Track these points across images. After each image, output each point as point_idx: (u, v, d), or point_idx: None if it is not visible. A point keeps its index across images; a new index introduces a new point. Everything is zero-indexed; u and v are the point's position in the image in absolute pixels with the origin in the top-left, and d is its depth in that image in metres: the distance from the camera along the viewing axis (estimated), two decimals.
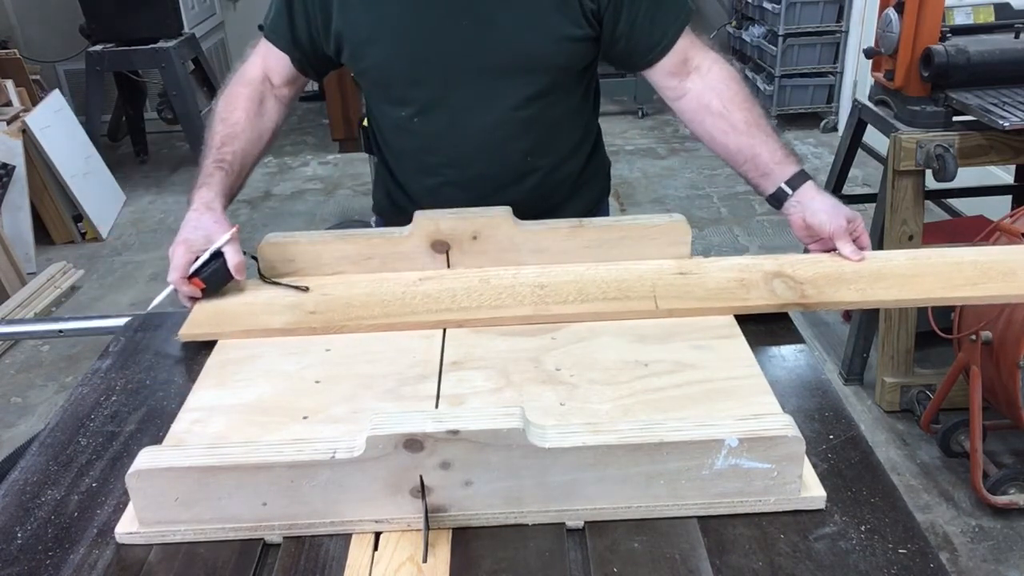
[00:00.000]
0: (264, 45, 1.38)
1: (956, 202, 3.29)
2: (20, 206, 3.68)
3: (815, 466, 0.90)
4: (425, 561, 0.81)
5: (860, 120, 2.56)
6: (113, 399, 1.08)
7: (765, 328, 1.15)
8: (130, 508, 0.86)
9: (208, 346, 1.15)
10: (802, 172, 1.29)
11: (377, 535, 0.85)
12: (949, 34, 2.25)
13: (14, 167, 3.62)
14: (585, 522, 0.85)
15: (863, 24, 4.37)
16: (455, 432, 0.80)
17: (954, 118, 2.25)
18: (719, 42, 4.93)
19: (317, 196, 4.39)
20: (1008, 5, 2.36)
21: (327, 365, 1.09)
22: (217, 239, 1.20)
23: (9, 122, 3.71)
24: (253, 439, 0.93)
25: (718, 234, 3.73)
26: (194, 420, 0.99)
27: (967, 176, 2.56)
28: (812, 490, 0.86)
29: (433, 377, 1.05)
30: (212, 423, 0.98)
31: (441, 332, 1.15)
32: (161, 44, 4.21)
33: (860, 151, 2.78)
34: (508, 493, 0.84)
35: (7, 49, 4.41)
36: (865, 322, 2.54)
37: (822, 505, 0.86)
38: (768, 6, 4.63)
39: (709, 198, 4.09)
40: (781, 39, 4.55)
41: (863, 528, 0.83)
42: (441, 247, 1.26)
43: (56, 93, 4.16)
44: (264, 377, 1.07)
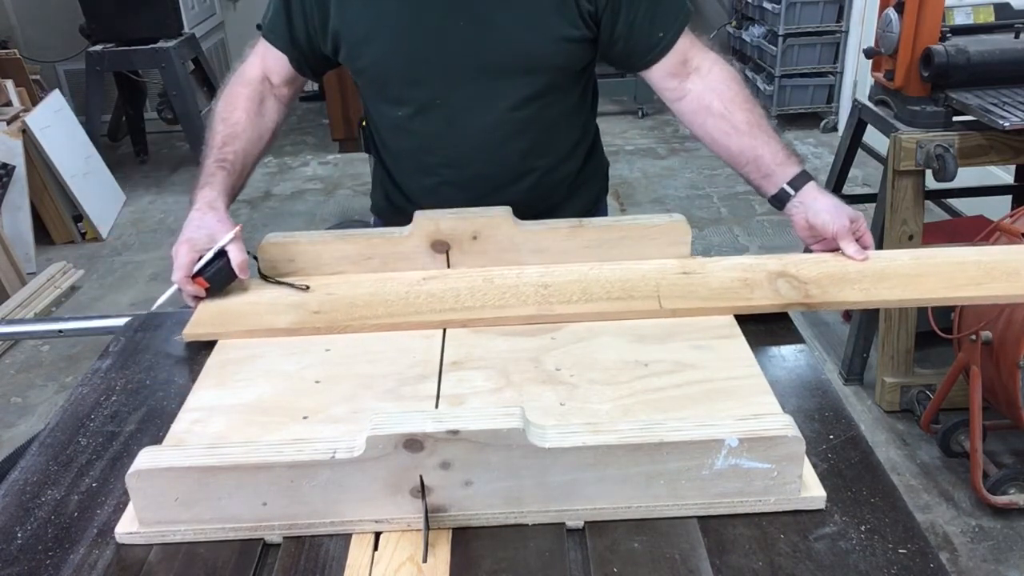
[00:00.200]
0: (262, 45, 1.38)
1: (956, 202, 3.29)
2: (20, 206, 3.68)
3: (815, 466, 0.90)
4: (425, 561, 0.81)
5: (860, 120, 2.56)
6: (113, 399, 1.08)
7: (765, 328, 1.15)
8: (130, 508, 0.86)
9: (208, 346, 1.15)
10: (804, 172, 1.29)
11: (377, 535, 0.85)
12: (949, 34, 2.25)
13: (14, 167, 3.62)
14: (585, 522, 0.85)
15: (863, 24, 4.36)
16: (455, 432, 0.80)
17: (954, 118, 2.25)
18: (719, 42, 4.94)
19: (317, 196, 4.39)
20: (1008, 5, 2.36)
21: (327, 365, 1.09)
22: (221, 238, 1.20)
23: (9, 122, 3.71)
24: (253, 439, 0.93)
25: (718, 234, 3.72)
26: (194, 420, 0.99)
27: (967, 176, 2.56)
28: (812, 490, 0.86)
29: (433, 377, 1.05)
30: (212, 423, 0.98)
31: (441, 332, 1.15)
32: (161, 44, 4.21)
33: (860, 151, 2.78)
34: (508, 493, 0.84)
35: (7, 49, 4.41)
36: (865, 322, 2.54)
37: (822, 505, 0.86)
38: (768, 6, 4.63)
39: (709, 198, 4.09)
40: (781, 39, 4.55)
41: (863, 528, 0.83)
42: (441, 247, 1.26)
43: (56, 93, 4.16)
44: (264, 377, 1.07)
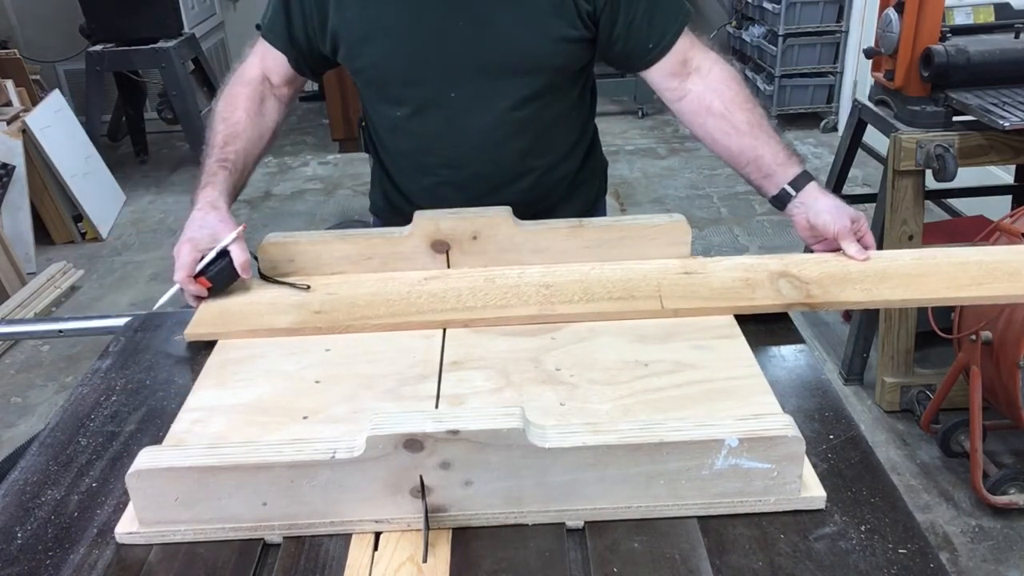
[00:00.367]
0: (262, 45, 1.38)
1: (956, 202, 3.29)
2: (20, 206, 3.68)
3: (815, 466, 0.90)
4: (425, 561, 0.81)
5: (860, 120, 2.56)
6: (113, 399, 1.08)
7: (765, 328, 1.15)
8: (130, 508, 0.86)
9: (208, 346, 1.15)
10: (805, 173, 1.29)
11: (377, 535, 0.85)
12: (949, 34, 2.25)
13: (14, 167, 3.62)
14: (585, 522, 0.85)
15: (863, 24, 4.36)
16: (455, 432, 0.80)
17: (954, 118, 2.25)
18: (719, 42, 4.94)
19: (317, 196, 4.39)
20: (1008, 5, 2.36)
21: (327, 365, 1.09)
22: (223, 238, 1.20)
23: (9, 122, 3.71)
24: (253, 439, 0.93)
25: (718, 234, 3.72)
26: (194, 420, 0.99)
27: (967, 176, 2.56)
28: (812, 490, 0.86)
29: (433, 377, 1.05)
30: (212, 423, 0.98)
31: (441, 332, 1.15)
32: (161, 44, 4.21)
33: (860, 151, 2.78)
34: (508, 493, 0.84)
35: (7, 49, 4.41)
36: (865, 322, 2.54)
37: (822, 505, 0.86)
38: (768, 6, 4.63)
39: (709, 198, 4.09)
40: (781, 39, 4.55)
41: (863, 528, 0.83)
42: (441, 247, 1.26)
43: (56, 93, 4.16)
44: (264, 377, 1.07)
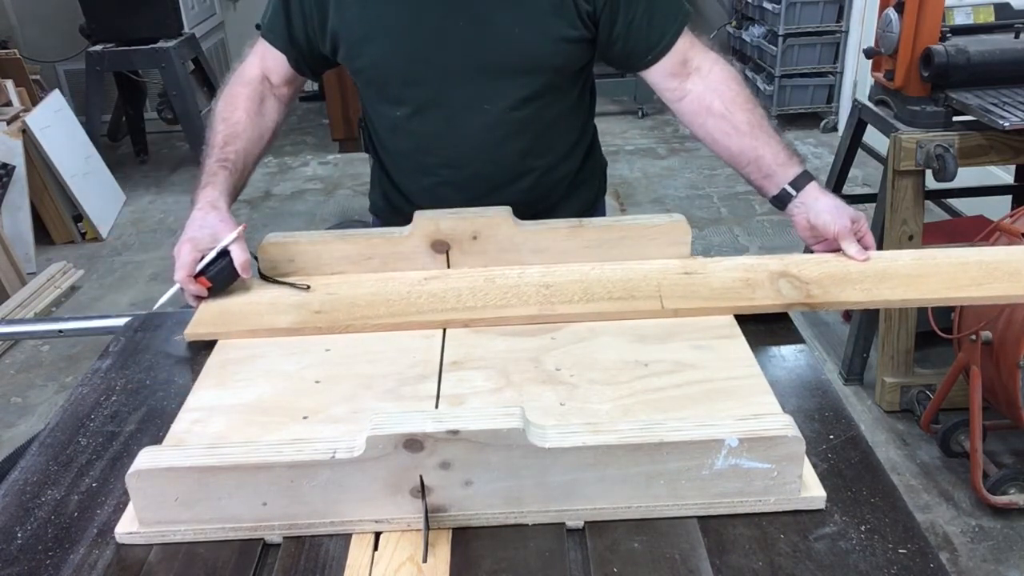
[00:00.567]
0: (262, 45, 1.38)
1: (956, 202, 3.29)
2: (20, 206, 3.68)
3: (815, 466, 0.90)
4: (425, 561, 0.81)
5: (860, 120, 2.56)
6: (113, 399, 1.08)
7: (765, 328, 1.15)
8: (130, 508, 0.86)
9: (208, 346, 1.15)
10: (805, 173, 1.29)
11: (377, 535, 0.85)
12: (949, 34, 2.25)
13: (14, 167, 3.62)
14: (585, 522, 0.85)
15: (863, 24, 4.36)
16: (455, 432, 0.80)
17: (954, 118, 2.25)
18: (719, 42, 4.94)
19: (317, 196, 4.39)
20: (1008, 5, 2.36)
21: (327, 365, 1.09)
22: (223, 237, 1.20)
23: (9, 122, 3.71)
24: (253, 439, 0.93)
25: (718, 234, 3.72)
26: (194, 420, 0.99)
27: (967, 176, 2.56)
28: (812, 490, 0.86)
29: (433, 377, 1.05)
30: (212, 423, 0.98)
31: (441, 332, 1.15)
32: (161, 44, 4.21)
33: (860, 151, 2.78)
34: (508, 493, 0.84)
35: (7, 49, 4.41)
36: (865, 322, 2.54)
37: (822, 505, 0.86)
38: (768, 6, 4.63)
39: (709, 198, 4.09)
40: (781, 39, 4.55)
41: (863, 528, 0.83)
42: (441, 247, 1.26)
43: (56, 93, 4.16)
44: (264, 377, 1.07)
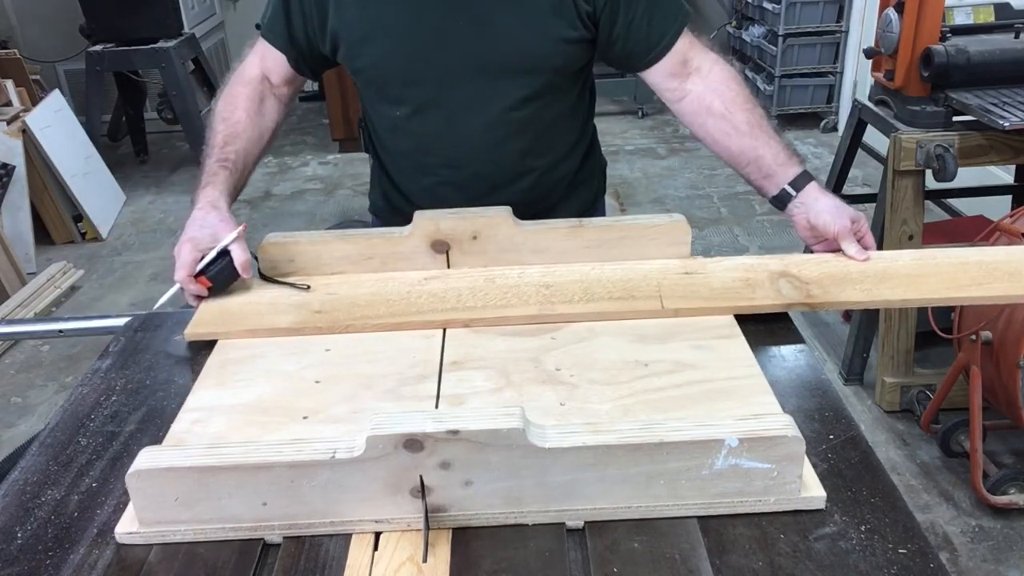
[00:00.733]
0: (261, 44, 1.38)
1: (956, 202, 3.29)
2: (20, 206, 3.68)
3: (815, 466, 0.90)
4: (425, 561, 0.81)
5: (860, 120, 2.56)
6: (113, 399, 1.08)
7: (765, 328, 1.15)
8: (130, 508, 0.86)
9: (208, 346, 1.15)
10: (805, 173, 1.29)
11: (377, 535, 0.85)
12: (949, 34, 2.25)
13: (14, 167, 3.62)
14: (585, 522, 0.85)
15: (863, 24, 4.36)
16: (455, 432, 0.80)
17: (954, 118, 2.25)
18: (719, 42, 4.94)
19: (317, 196, 4.39)
20: (1008, 5, 2.36)
21: (327, 365, 1.09)
22: (224, 237, 1.20)
23: (9, 122, 3.71)
24: (253, 439, 0.93)
25: (718, 234, 3.72)
26: (194, 420, 0.99)
27: (967, 176, 2.56)
28: (812, 490, 0.86)
29: (433, 377, 1.05)
30: (212, 423, 0.98)
31: (441, 332, 1.15)
32: (161, 44, 4.21)
33: (860, 151, 2.78)
34: (508, 493, 0.84)
35: (7, 49, 4.41)
36: (865, 322, 2.54)
37: (822, 505, 0.86)
38: (768, 6, 4.63)
39: (709, 198, 4.09)
40: (781, 39, 4.55)
41: (863, 528, 0.83)
42: (441, 247, 1.26)
43: (56, 93, 4.16)
44: (264, 377, 1.07)
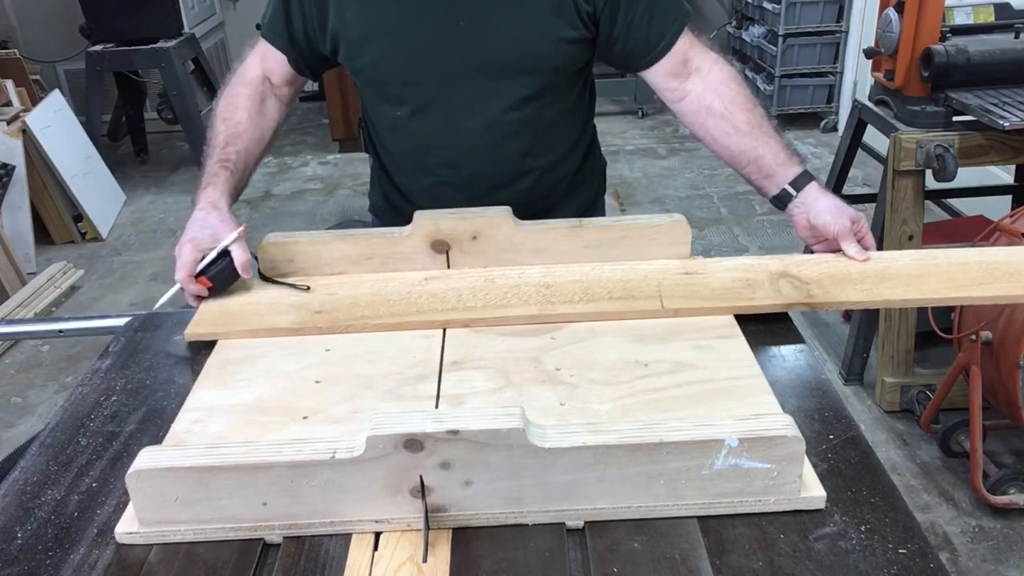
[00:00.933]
0: (262, 45, 1.38)
1: (956, 202, 3.29)
2: (20, 206, 3.68)
3: (815, 466, 0.90)
4: (425, 561, 0.81)
5: (860, 120, 2.56)
6: (113, 399, 1.08)
7: (765, 328, 1.15)
8: (130, 508, 0.86)
9: (208, 346, 1.15)
10: (806, 173, 1.29)
11: (377, 535, 0.85)
12: (949, 34, 2.25)
13: (14, 167, 3.62)
14: (585, 522, 0.85)
15: (863, 24, 4.37)
16: (455, 432, 0.80)
17: (954, 118, 2.25)
18: (719, 42, 4.94)
19: (317, 196, 4.39)
20: (1008, 5, 2.36)
21: (327, 365, 1.09)
22: (224, 238, 1.20)
23: (9, 122, 3.71)
24: (253, 439, 0.93)
25: (718, 234, 3.72)
26: (194, 420, 0.99)
27: (967, 176, 2.56)
28: (812, 490, 0.86)
29: (433, 377, 1.05)
30: (212, 423, 0.98)
31: (441, 332, 1.15)
32: (161, 44, 4.21)
33: (860, 151, 2.78)
34: (508, 493, 0.84)
35: (7, 49, 4.41)
36: (865, 322, 2.54)
37: (822, 505, 0.86)
38: (768, 6, 4.63)
39: (709, 198, 4.09)
40: (781, 39, 4.55)
41: (863, 528, 0.83)
42: (441, 247, 1.26)
43: (56, 93, 4.15)
44: (264, 377, 1.07)
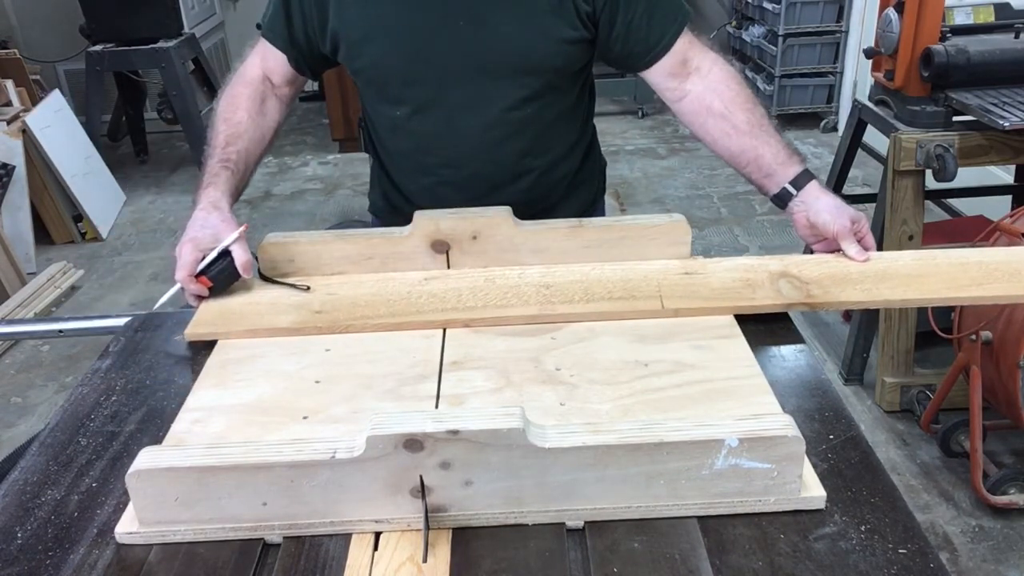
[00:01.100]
0: (262, 45, 1.38)
1: (956, 202, 3.29)
2: (20, 206, 3.68)
3: (815, 466, 0.90)
4: (425, 561, 0.81)
5: (860, 120, 2.56)
6: (113, 399, 1.08)
7: (765, 328, 1.15)
8: (130, 508, 0.86)
9: (208, 346, 1.15)
10: (806, 171, 1.29)
11: (377, 535, 0.85)
12: (949, 34, 2.25)
13: (14, 167, 3.62)
14: (585, 522, 0.85)
15: (863, 24, 4.37)
16: (455, 432, 0.80)
17: (954, 118, 2.25)
18: (719, 42, 4.94)
19: (317, 196, 4.39)
20: (1008, 5, 2.36)
21: (327, 365, 1.09)
22: (225, 238, 1.20)
23: (9, 122, 3.71)
24: (253, 439, 0.93)
25: (718, 234, 3.72)
26: (194, 420, 0.99)
27: (967, 176, 2.56)
28: (812, 490, 0.86)
29: (433, 377, 1.05)
30: (212, 423, 0.98)
31: (441, 332, 1.15)
32: (161, 44, 4.21)
33: (860, 151, 2.78)
34: (508, 493, 0.84)
35: (7, 49, 4.41)
36: (865, 322, 2.54)
37: (822, 505, 0.86)
38: (768, 6, 4.64)
39: (709, 198, 4.09)
40: (781, 39, 4.55)
41: (863, 528, 0.83)
42: (441, 247, 1.26)
43: (56, 93, 4.15)
44: (264, 377, 1.07)
